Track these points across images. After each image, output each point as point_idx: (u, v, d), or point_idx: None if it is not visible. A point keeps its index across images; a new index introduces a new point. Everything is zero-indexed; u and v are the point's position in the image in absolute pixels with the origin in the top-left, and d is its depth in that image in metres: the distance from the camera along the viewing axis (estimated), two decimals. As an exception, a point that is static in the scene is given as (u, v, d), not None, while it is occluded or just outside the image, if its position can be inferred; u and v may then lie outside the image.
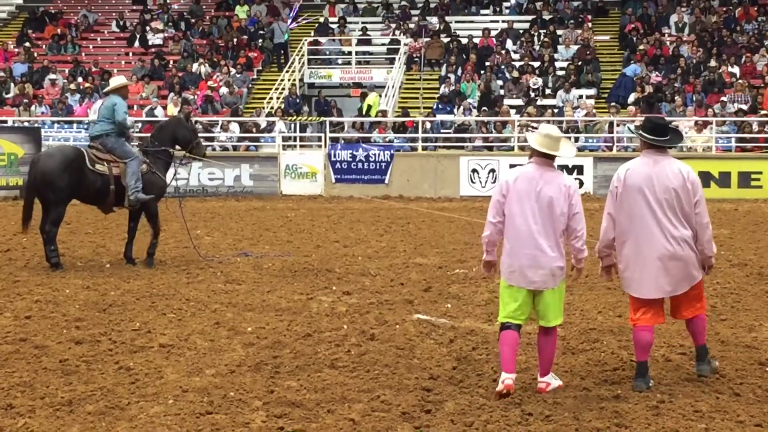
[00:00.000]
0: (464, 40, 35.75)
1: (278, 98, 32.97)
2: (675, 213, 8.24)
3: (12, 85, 34.77)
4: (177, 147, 15.69)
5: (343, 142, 29.79)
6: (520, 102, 31.65)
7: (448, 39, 36.04)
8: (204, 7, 40.80)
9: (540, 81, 32.67)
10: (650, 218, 8.25)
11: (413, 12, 38.59)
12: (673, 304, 8.57)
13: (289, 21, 37.92)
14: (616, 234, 8.45)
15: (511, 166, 27.15)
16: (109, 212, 15.49)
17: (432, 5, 38.97)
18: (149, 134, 16.49)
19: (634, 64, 32.50)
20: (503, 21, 37.71)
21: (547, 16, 37.25)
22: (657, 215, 8.23)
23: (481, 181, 27.69)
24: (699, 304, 8.59)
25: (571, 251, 8.30)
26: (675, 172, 8.29)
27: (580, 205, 8.24)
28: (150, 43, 38.03)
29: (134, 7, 41.26)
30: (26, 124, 31.19)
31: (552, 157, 8.28)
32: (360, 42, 36.77)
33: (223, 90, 33.17)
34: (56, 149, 16.15)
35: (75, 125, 31.76)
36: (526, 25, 37.07)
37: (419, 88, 33.21)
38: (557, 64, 33.86)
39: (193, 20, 39.37)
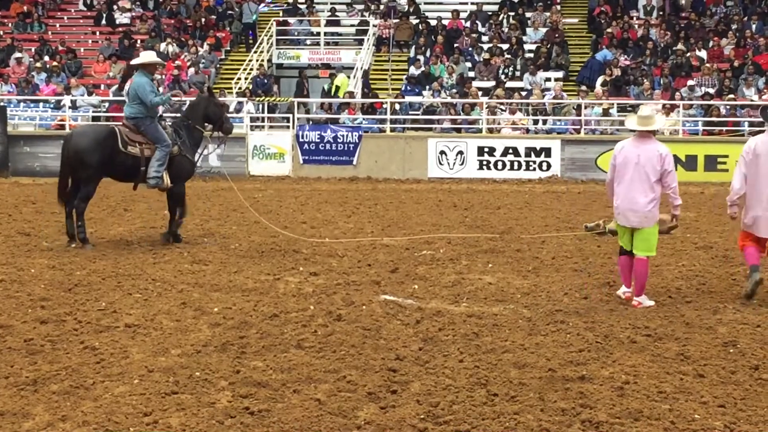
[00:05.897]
0: (433, 22, 35.70)
1: (246, 78, 32.84)
2: None
3: (-23, 63, 34.48)
4: (207, 125, 15.66)
5: (311, 123, 29.70)
6: (490, 84, 31.63)
7: (417, 20, 35.97)
8: (172, -14, 40.52)
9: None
10: None
11: (382, -7, 38.50)
12: None
13: (261, 4, 37.72)
14: (746, 188, 11.08)
15: (480, 148, 27.32)
16: (136, 188, 15.51)
17: (401, -14, 38.91)
18: (180, 114, 16.20)
19: (606, 49, 32.55)
20: (472, 3, 37.68)
21: (516, -1, 37.30)
22: None
23: (449, 163, 27.67)
24: None
25: (669, 200, 11.02)
26: None
27: (672, 165, 10.82)
28: (117, 22, 37.77)
29: (101, -14, 40.90)
30: (-9, 102, 30.92)
31: (649, 131, 10.99)
32: (329, 23, 36.64)
33: (191, 71, 33.05)
34: (89, 127, 16.14)
35: (41, 104, 31.52)
36: (495, 7, 37.08)
37: (388, 70, 33.16)
38: (526, 47, 33.86)
39: (161, -1, 39.13)
